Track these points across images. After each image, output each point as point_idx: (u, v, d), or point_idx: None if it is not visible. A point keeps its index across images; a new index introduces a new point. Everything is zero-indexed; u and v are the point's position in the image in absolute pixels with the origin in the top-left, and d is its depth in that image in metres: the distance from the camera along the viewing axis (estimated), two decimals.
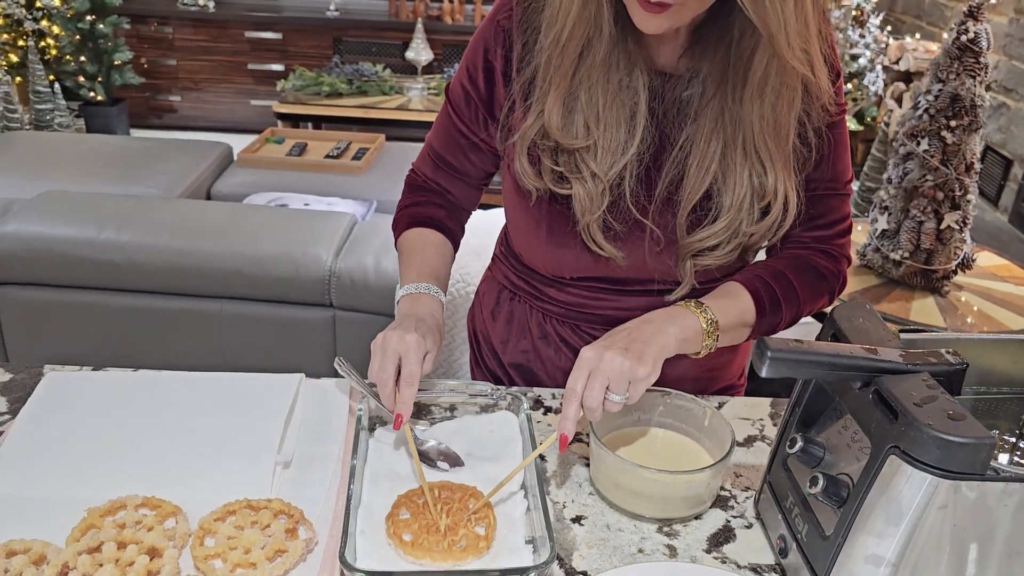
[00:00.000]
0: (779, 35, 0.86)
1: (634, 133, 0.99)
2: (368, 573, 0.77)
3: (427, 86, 4.59)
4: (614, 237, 1.04)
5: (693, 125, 0.99)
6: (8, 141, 3.63)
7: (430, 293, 1.09)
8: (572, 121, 0.99)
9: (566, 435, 0.89)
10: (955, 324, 1.98)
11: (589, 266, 1.09)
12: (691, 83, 0.99)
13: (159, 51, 5.43)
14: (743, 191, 0.99)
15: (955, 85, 1.94)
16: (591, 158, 0.99)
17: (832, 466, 0.81)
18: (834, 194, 1.08)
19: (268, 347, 2.29)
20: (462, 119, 1.12)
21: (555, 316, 1.18)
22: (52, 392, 1.04)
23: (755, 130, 0.96)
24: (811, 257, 1.09)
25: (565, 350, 1.19)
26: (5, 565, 0.78)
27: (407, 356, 0.97)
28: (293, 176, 3.49)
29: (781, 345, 0.77)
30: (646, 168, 1.02)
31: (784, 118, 0.95)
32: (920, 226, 2.04)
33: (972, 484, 0.69)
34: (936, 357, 0.78)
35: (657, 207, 1.03)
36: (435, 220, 1.18)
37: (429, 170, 1.19)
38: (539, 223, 1.08)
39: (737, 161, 0.98)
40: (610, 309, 1.14)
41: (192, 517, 0.87)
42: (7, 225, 2.24)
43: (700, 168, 0.99)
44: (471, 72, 1.08)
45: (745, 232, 1.01)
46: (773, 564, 0.88)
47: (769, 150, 0.97)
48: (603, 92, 0.97)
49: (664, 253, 1.06)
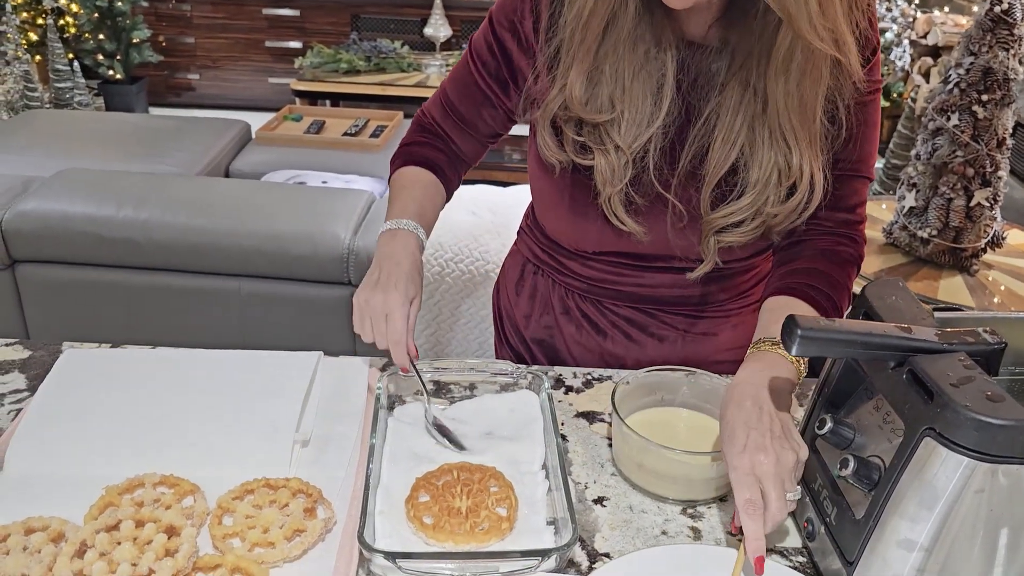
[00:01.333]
0: (799, 16, 0.82)
1: (660, 106, 0.96)
2: (387, 554, 0.76)
3: (445, 63, 4.55)
4: (635, 211, 1.02)
5: (719, 97, 0.96)
6: (28, 119, 3.65)
7: (408, 229, 1.07)
8: (596, 95, 0.97)
9: (762, 556, 0.77)
10: (984, 303, 1.94)
11: (611, 240, 1.07)
12: (720, 54, 0.96)
13: (177, 29, 5.42)
14: (769, 167, 0.96)
15: (987, 58, 1.89)
16: (615, 130, 0.97)
17: (863, 448, 0.78)
18: (858, 176, 1.04)
19: (286, 325, 2.29)
20: (481, 73, 1.09)
21: (577, 291, 1.17)
22: (70, 369, 1.03)
23: (779, 107, 0.92)
24: (837, 245, 1.05)
25: (587, 326, 1.18)
26: (24, 542, 0.78)
27: (392, 315, 0.98)
28: (311, 154, 3.48)
29: (811, 323, 0.74)
30: (671, 142, 0.99)
31: (810, 96, 0.91)
32: (949, 203, 1.99)
33: (1011, 468, 0.66)
34: (973, 336, 0.75)
35: (680, 181, 1.00)
36: (432, 162, 1.15)
37: (439, 114, 1.16)
38: (561, 194, 1.07)
39: (764, 137, 0.95)
40: (632, 285, 1.13)
41: (210, 496, 0.86)
42: (27, 203, 2.25)
43: (726, 142, 0.96)
44: (497, 30, 1.05)
45: (770, 212, 0.98)
46: (800, 547, 0.86)
47: (794, 127, 0.93)
48: (629, 65, 0.95)
49: (687, 229, 1.03)
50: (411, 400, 1.03)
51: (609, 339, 1.18)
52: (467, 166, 1.21)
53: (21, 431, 0.93)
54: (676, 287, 1.13)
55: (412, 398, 1.04)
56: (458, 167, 1.19)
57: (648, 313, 1.16)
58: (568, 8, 0.95)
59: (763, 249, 1.11)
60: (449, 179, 1.17)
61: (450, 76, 1.15)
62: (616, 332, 1.18)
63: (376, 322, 0.99)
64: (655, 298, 1.15)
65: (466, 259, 2.11)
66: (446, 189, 1.17)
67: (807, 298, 0.98)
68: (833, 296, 0.99)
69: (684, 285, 1.12)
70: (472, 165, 1.21)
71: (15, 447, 0.91)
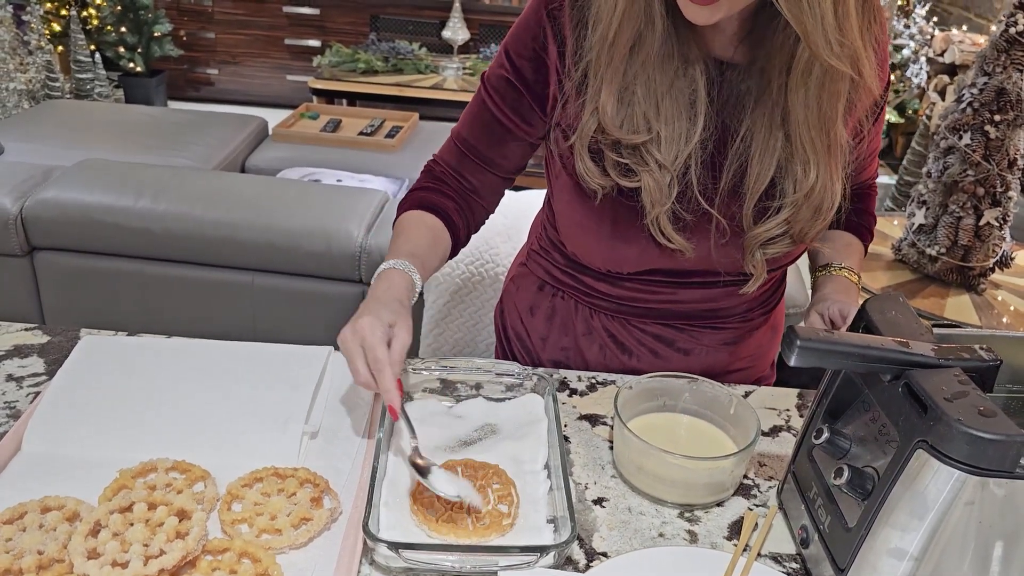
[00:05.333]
0: (815, 33, 0.84)
1: (695, 121, 0.97)
2: (391, 544, 0.78)
3: (463, 66, 4.58)
4: (683, 228, 1.02)
5: (752, 115, 0.97)
6: (49, 109, 3.69)
7: (400, 268, 1.03)
8: (631, 115, 0.97)
9: None
10: (990, 323, 1.95)
11: (653, 259, 1.07)
12: (749, 72, 0.97)
13: (198, 24, 5.47)
14: (803, 183, 0.98)
15: (1001, 78, 1.90)
16: (655, 149, 0.97)
17: (858, 458, 0.80)
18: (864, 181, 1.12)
19: (298, 320, 2.32)
20: (500, 107, 1.07)
21: (605, 311, 1.17)
22: (88, 355, 1.06)
23: (799, 119, 0.94)
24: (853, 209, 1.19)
25: (612, 346, 1.18)
26: (40, 520, 0.81)
27: (367, 343, 0.92)
28: (327, 152, 3.51)
29: (811, 335, 0.76)
30: (710, 156, 1.00)
31: (829, 109, 0.93)
32: (958, 222, 2.01)
33: (1001, 481, 0.68)
34: (969, 353, 0.77)
35: (723, 199, 1.01)
36: (439, 208, 1.12)
37: (454, 160, 1.14)
38: (601, 220, 1.05)
39: (791, 151, 0.97)
40: (664, 302, 1.13)
41: (220, 482, 0.89)
42: (47, 191, 2.28)
43: (763, 158, 0.98)
44: (516, 60, 1.04)
45: (799, 221, 1.01)
46: (794, 554, 0.88)
47: (813, 140, 0.95)
48: (660, 84, 0.95)
49: (729, 244, 1.04)
50: (419, 396, 1.06)
51: (634, 357, 1.18)
52: (484, 211, 1.18)
53: (39, 413, 0.95)
54: (708, 301, 1.14)
55: (420, 394, 1.06)
56: (470, 213, 1.15)
57: (677, 328, 1.17)
58: (593, 31, 0.95)
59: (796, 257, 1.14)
60: (456, 225, 1.13)
61: (463, 120, 1.13)
62: (642, 349, 1.18)
63: (353, 356, 0.92)
64: (685, 313, 1.15)
65: (476, 260, 2.13)
66: (452, 235, 1.13)
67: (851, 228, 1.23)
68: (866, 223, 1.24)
69: (717, 299, 1.13)
70: (490, 211, 1.18)
71: (33, 428, 0.93)
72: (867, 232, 1.25)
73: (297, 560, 0.81)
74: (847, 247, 1.21)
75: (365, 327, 0.93)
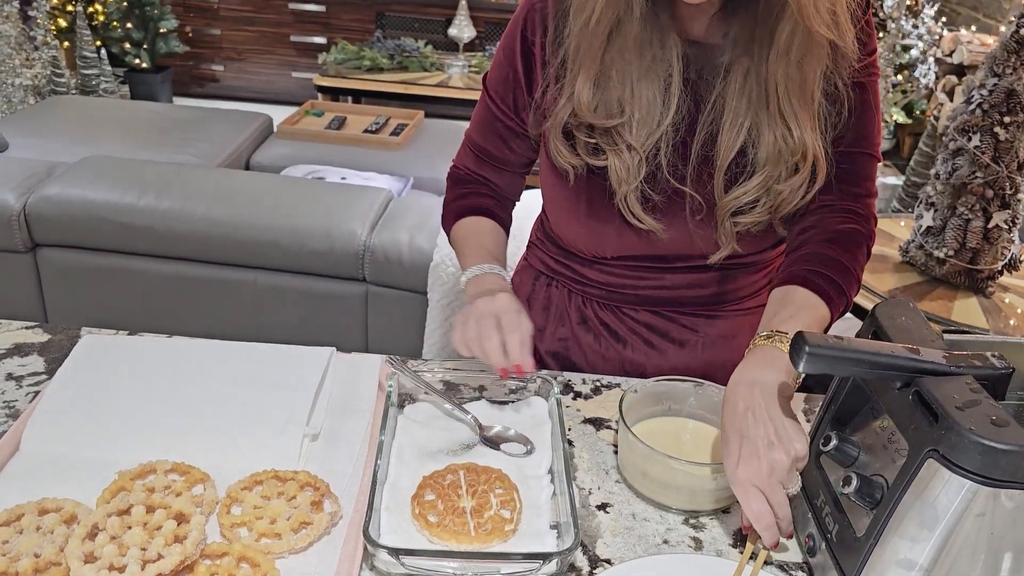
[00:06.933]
0: (807, 3, 0.86)
1: (669, 104, 0.98)
2: (391, 549, 0.77)
3: (468, 63, 4.57)
4: (653, 208, 1.04)
5: (723, 83, 0.99)
6: (54, 105, 3.69)
7: (494, 272, 1.09)
8: (605, 100, 0.99)
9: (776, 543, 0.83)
10: (998, 326, 1.94)
11: (630, 243, 1.08)
12: (723, 47, 0.98)
13: (204, 20, 5.47)
14: (774, 147, 0.98)
15: (1011, 80, 1.88)
16: (627, 131, 0.99)
17: (866, 466, 0.79)
18: (861, 153, 1.04)
19: (301, 319, 2.31)
20: (500, 108, 1.12)
21: (596, 299, 1.18)
22: (88, 355, 1.05)
23: (780, 89, 0.95)
24: (845, 223, 1.04)
25: (606, 335, 1.19)
26: (37, 522, 0.80)
27: (505, 315, 0.99)
28: (331, 149, 3.50)
29: (819, 341, 0.75)
30: (682, 137, 1.01)
31: (810, 76, 0.94)
32: (967, 224, 1.99)
33: (1013, 492, 0.67)
34: (981, 360, 0.76)
35: (694, 170, 1.02)
36: (484, 208, 1.18)
37: (472, 163, 1.19)
38: (578, 199, 1.08)
39: (766, 117, 0.97)
40: (652, 288, 1.14)
41: (220, 484, 0.88)
42: (50, 188, 2.28)
43: (733, 125, 0.99)
44: (509, 58, 1.08)
45: (777, 189, 1.00)
46: (800, 563, 0.86)
47: (794, 107, 0.96)
48: (636, 68, 0.97)
49: (705, 220, 1.05)
50: (422, 399, 1.05)
51: (629, 347, 1.19)
52: (513, 202, 1.24)
53: (38, 414, 0.94)
54: (695, 286, 1.14)
55: (423, 396, 1.05)
56: (506, 205, 1.22)
57: (667, 317, 1.17)
58: (574, 18, 0.97)
59: (778, 241, 1.12)
60: (503, 219, 1.20)
61: (472, 125, 1.18)
62: (636, 339, 1.18)
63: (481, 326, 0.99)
64: (674, 299, 1.16)
65: None
66: (503, 227, 1.20)
67: (814, 287, 0.97)
68: (841, 283, 0.98)
69: (703, 284, 1.13)
70: (517, 198, 1.25)
71: (32, 429, 0.92)
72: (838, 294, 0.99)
73: (296, 565, 0.80)
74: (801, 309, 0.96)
75: (503, 306, 1.00)
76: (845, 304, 1.00)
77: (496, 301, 1.02)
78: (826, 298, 0.97)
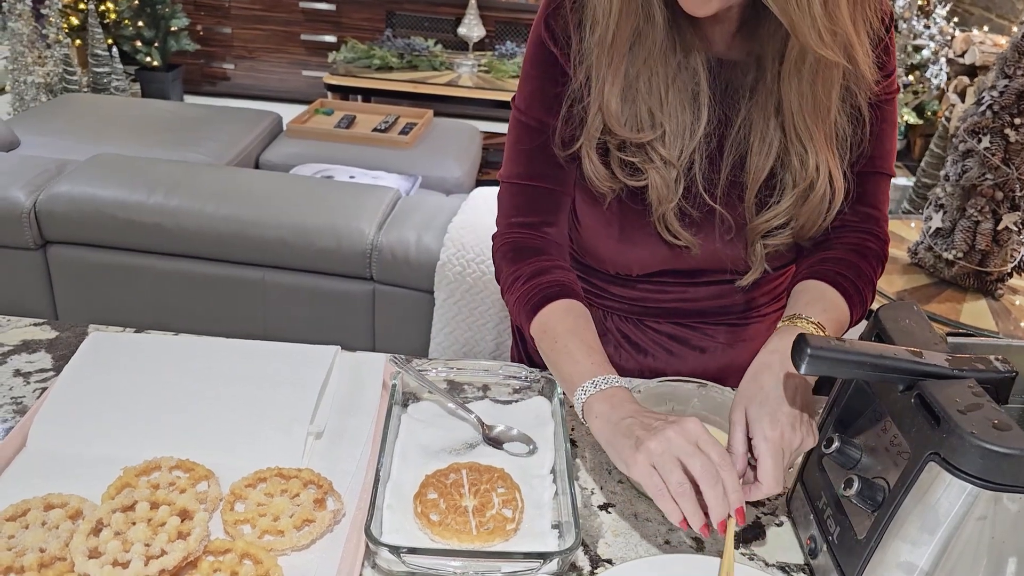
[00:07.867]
0: (802, 23, 0.82)
1: (699, 114, 0.97)
2: (393, 548, 0.77)
3: (478, 63, 4.57)
4: (690, 224, 1.03)
5: (750, 103, 0.97)
6: (66, 103, 3.71)
7: (621, 386, 0.91)
8: (635, 112, 0.96)
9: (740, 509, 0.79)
10: (1007, 329, 1.93)
11: (662, 259, 1.07)
12: (746, 64, 0.97)
13: (215, 19, 5.49)
14: (799, 168, 0.97)
15: (1022, 82, 1.87)
16: (660, 145, 0.97)
17: (868, 469, 0.79)
18: (877, 173, 1.05)
19: (308, 317, 2.32)
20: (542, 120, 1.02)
21: (617, 312, 1.16)
22: (95, 352, 1.06)
23: (793, 108, 0.94)
24: (864, 241, 1.05)
25: (627, 347, 1.17)
26: (43, 518, 0.80)
27: (704, 441, 0.80)
28: (340, 148, 3.52)
29: (822, 343, 0.75)
30: (713, 151, 1.00)
31: (823, 97, 0.93)
32: (976, 226, 1.98)
33: (1015, 496, 0.66)
34: (984, 363, 0.75)
35: (723, 191, 1.01)
36: (569, 288, 1.01)
37: (525, 212, 1.05)
38: (610, 224, 1.05)
39: (790, 141, 0.96)
40: (676, 301, 1.13)
41: (224, 481, 0.88)
42: (60, 185, 2.29)
43: (761, 148, 0.98)
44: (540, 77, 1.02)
45: (798, 212, 1.00)
46: (802, 564, 0.86)
47: (808, 128, 0.95)
48: (663, 78, 0.95)
49: (735, 239, 1.04)
50: (425, 398, 1.05)
51: (650, 356, 1.18)
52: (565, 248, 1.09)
53: (45, 410, 0.95)
54: (720, 298, 1.13)
55: (427, 395, 1.05)
56: (564, 255, 1.08)
57: (691, 327, 1.16)
58: (591, 34, 0.95)
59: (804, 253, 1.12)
60: (575, 282, 1.05)
61: (510, 165, 1.06)
62: (657, 349, 1.17)
63: (689, 456, 0.79)
64: (698, 311, 1.15)
65: (485, 261, 2.12)
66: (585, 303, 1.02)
67: (836, 285, 0.98)
68: (860, 287, 1.00)
69: (727, 295, 1.13)
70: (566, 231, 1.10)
71: (39, 425, 0.93)
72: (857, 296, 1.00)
73: (299, 562, 0.80)
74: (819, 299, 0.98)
75: (695, 428, 0.81)
76: (863, 307, 1.01)
77: (668, 422, 0.82)
78: (847, 297, 0.98)
